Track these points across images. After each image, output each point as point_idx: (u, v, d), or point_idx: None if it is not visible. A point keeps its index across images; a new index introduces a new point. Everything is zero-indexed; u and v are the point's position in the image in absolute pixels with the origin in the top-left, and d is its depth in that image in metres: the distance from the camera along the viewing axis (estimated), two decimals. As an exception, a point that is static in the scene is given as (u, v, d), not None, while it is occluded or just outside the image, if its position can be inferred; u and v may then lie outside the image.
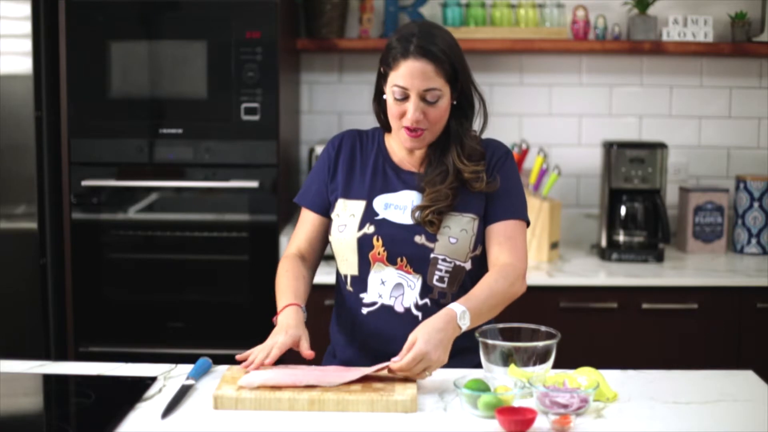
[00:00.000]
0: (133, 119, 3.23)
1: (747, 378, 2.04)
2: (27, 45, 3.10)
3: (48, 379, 2.02)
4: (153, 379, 1.98)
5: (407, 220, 2.09)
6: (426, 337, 1.88)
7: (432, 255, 2.07)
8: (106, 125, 3.23)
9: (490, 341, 1.93)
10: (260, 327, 3.27)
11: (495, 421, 1.72)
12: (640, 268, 3.33)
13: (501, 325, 1.99)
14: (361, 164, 2.17)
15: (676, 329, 3.18)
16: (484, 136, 2.18)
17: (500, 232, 2.09)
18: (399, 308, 2.09)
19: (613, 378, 1.97)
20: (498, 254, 2.08)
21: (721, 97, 3.76)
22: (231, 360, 2.09)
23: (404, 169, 2.15)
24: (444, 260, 2.07)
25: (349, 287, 2.13)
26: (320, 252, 2.23)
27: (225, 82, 3.19)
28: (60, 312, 3.27)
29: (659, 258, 3.44)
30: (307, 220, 2.21)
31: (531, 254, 3.41)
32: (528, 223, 2.15)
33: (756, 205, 3.60)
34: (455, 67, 2.05)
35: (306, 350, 1.98)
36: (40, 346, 3.19)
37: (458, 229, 2.07)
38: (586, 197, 3.79)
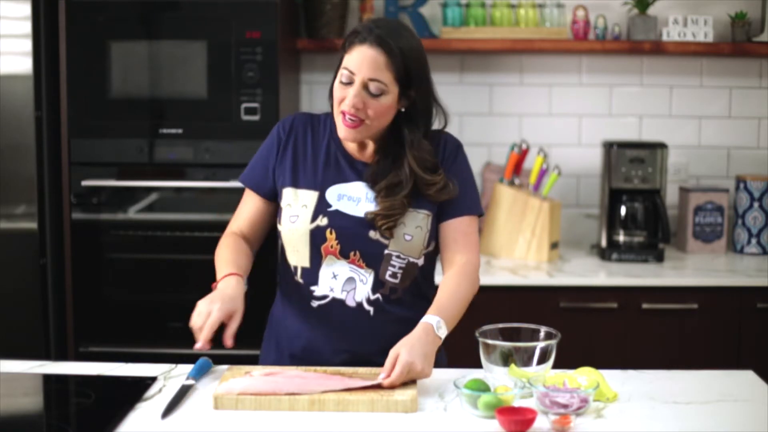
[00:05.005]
0: (133, 119, 3.23)
1: (747, 378, 2.04)
2: (27, 45, 3.10)
3: (48, 379, 2.02)
4: (153, 379, 1.98)
5: (361, 212, 2.06)
6: (408, 349, 1.88)
7: (386, 251, 2.06)
8: (106, 125, 3.23)
9: (490, 341, 1.93)
10: (260, 326, 3.29)
11: (495, 421, 1.72)
12: (640, 268, 3.33)
13: (501, 325, 1.99)
14: (313, 151, 2.13)
15: (676, 329, 3.18)
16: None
17: (456, 228, 2.09)
18: (351, 302, 2.07)
19: (613, 378, 1.97)
20: (454, 251, 2.09)
21: (721, 97, 3.76)
22: (231, 360, 2.09)
23: (357, 159, 2.12)
24: (398, 257, 2.06)
25: (299, 278, 2.10)
26: (261, 236, 2.19)
27: (225, 82, 3.19)
28: (60, 312, 3.27)
29: (659, 258, 3.43)
30: (251, 202, 2.17)
31: (531, 254, 3.41)
32: (481, 215, 2.15)
33: (756, 205, 3.59)
34: (409, 71, 2.01)
35: (228, 338, 1.92)
36: (40, 346, 3.19)
37: (413, 227, 2.06)
38: (586, 197, 3.79)
